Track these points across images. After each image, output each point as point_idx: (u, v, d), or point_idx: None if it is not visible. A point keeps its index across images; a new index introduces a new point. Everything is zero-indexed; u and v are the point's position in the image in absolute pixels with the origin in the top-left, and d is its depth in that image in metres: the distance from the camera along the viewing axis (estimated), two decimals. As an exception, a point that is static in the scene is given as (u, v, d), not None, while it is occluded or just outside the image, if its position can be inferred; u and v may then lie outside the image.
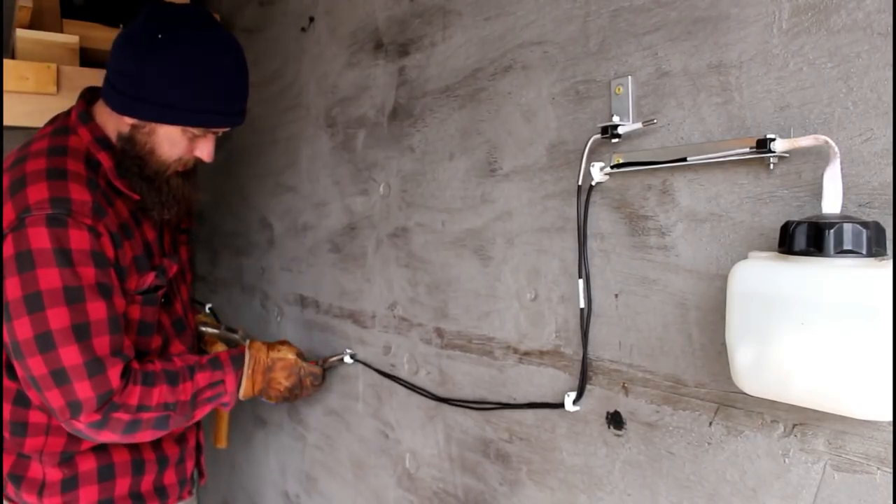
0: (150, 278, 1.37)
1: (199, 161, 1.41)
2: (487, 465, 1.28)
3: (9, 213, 1.23)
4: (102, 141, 1.35)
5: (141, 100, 1.29)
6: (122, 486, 1.42)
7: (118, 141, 1.35)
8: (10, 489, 1.39)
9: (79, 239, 1.22)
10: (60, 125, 1.38)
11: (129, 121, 1.32)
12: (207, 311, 1.82)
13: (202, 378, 1.38)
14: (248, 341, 1.53)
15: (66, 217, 1.22)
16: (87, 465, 1.38)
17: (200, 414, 1.40)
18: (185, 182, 1.41)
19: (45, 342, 1.20)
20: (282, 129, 1.91)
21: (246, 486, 2.22)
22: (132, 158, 1.34)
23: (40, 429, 1.35)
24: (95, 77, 1.93)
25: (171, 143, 1.34)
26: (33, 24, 1.90)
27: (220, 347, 1.66)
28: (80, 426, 1.25)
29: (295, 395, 1.56)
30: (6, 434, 1.35)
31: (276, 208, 1.96)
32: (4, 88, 1.75)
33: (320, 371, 1.59)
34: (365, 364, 1.59)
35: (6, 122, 1.78)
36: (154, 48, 1.27)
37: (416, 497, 1.47)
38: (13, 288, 1.20)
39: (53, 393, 1.22)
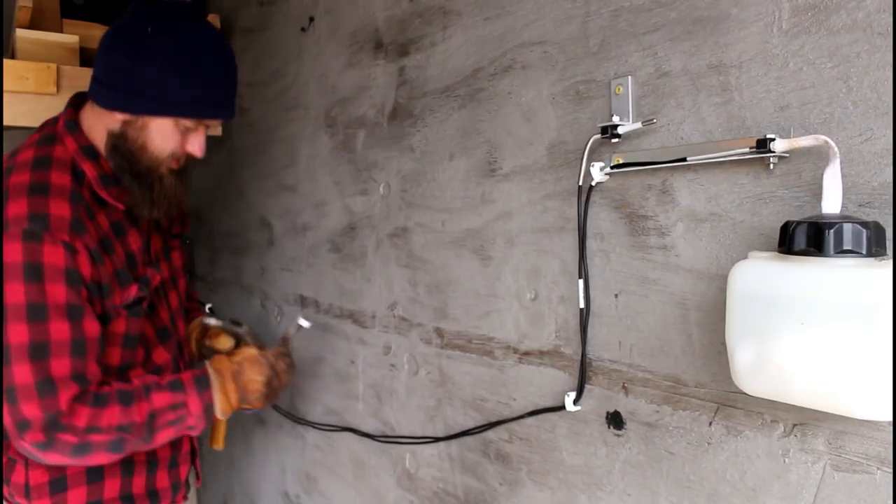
0: (133, 291, 1.34)
1: (191, 157, 1.39)
2: (487, 464, 1.28)
3: None
4: (88, 150, 1.33)
5: (132, 93, 1.28)
6: (112, 487, 1.39)
7: (109, 138, 1.33)
8: (6, 490, 1.39)
9: (53, 255, 1.19)
10: (48, 132, 1.36)
11: (120, 117, 1.30)
12: (207, 310, 1.82)
13: (160, 399, 1.30)
14: (206, 363, 1.44)
15: (43, 232, 1.19)
16: (75, 466, 1.35)
17: (163, 438, 1.32)
18: (177, 181, 1.39)
19: None
20: (281, 129, 1.91)
21: (246, 486, 2.22)
22: (123, 155, 1.32)
23: None
24: (95, 77, 1.93)
25: (164, 136, 1.32)
26: (33, 24, 1.89)
27: (224, 340, 1.62)
28: (27, 445, 1.21)
29: (274, 388, 1.48)
30: None
31: (275, 208, 1.96)
32: (4, 88, 1.74)
33: (287, 349, 1.54)
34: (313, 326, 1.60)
35: (6, 122, 1.78)
36: (144, 41, 1.27)
37: (416, 497, 1.47)
38: None
39: (4, 410, 1.19)
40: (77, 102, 1.40)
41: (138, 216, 1.38)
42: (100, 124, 1.34)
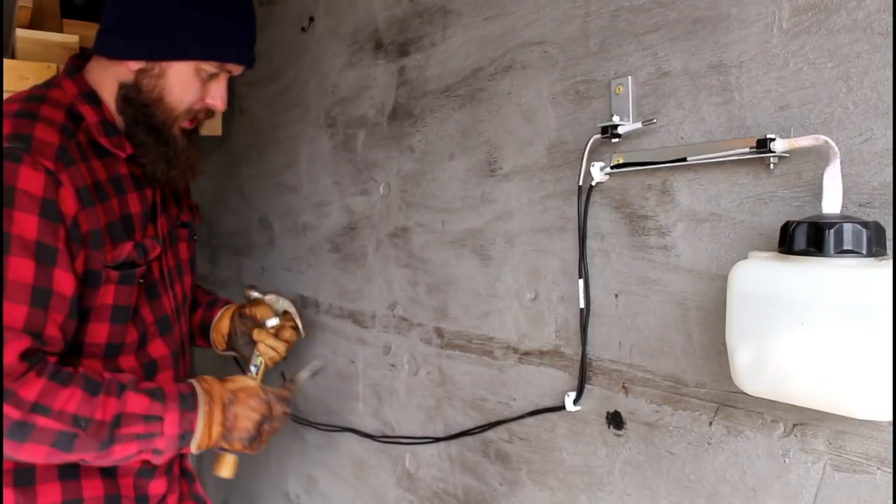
0: (126, 248, 1.16)
1: (208, 113, 1.27)
2: (487, 464, 1.28)
3: None
4: (89, 95, 1.19)
5: (149, 37, 1.15)
6: (51, 492, 1.16)
7: (120, 90, 1.19)
8: None
9: (30, 180, 1.02)
10: (45, 81, 1.23)
11: (133, 66, 1.17)
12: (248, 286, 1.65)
13: (134, 403, 1.08)
14: (195, 381, 1.21)
15: (23, 153, 1.03)
16: (50, 496, 1.15)
17: (122, 452, 1.07)
18: (189, 143, 1.26)
19: None
20: (282, 129, 1.91)
21: (246, 487, 2.22)
22: (137, 108, 1.19)
23: None
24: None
25: (184, 85, 1.19)
26: (33, 24, 1.89)
27: (265, 310, 1.44)
28: None
29: (263, 433, 1.25)
30: None
31: (276, 208, 1.96)
32: (4, 88, 1.75)
33: (290, 393, 1.33)
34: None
35: (6, 121, 1.78)
36: None
37: (416, 497, 1.47)
38: None
39: None
40: (74, 65, 1.25)
41: (152, 175, 1.23)
42: (108, 77, 1.20)
